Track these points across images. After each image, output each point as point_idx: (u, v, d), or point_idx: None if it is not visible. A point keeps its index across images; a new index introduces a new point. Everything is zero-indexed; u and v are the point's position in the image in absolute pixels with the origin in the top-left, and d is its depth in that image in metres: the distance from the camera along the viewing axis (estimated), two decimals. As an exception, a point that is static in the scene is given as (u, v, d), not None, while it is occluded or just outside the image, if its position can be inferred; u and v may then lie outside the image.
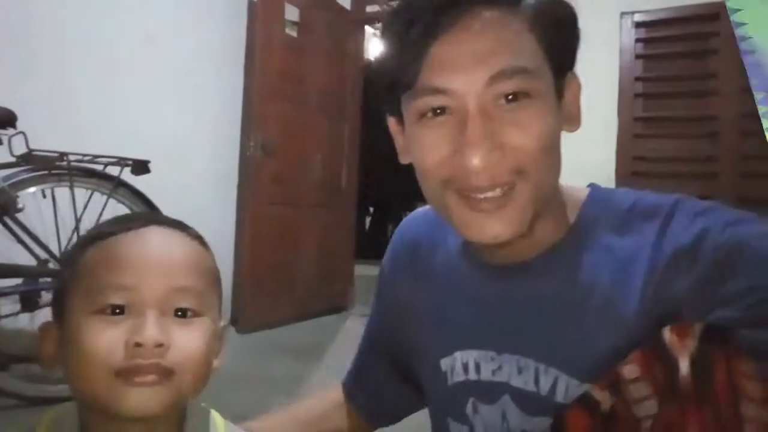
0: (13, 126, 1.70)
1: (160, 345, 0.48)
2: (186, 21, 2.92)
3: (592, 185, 0.65)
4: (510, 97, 0.54)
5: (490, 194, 0.55)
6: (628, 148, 2.84)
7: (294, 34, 3.27)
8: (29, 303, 1.84)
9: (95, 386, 0.48)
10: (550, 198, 0.60)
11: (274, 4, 3.07)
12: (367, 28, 4.42)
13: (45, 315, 2.13)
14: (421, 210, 0.79)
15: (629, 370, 0.50)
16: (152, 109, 2.71)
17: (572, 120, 0.61)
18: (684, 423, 0.46)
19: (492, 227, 0.57)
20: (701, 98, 2.85)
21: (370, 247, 4.92)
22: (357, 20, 3.92)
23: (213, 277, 0.56)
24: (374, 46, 5.70)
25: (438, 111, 0.56)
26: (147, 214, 0.51)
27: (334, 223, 3.69)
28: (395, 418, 0.83)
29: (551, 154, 0.57)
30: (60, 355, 0.52)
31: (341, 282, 3.79)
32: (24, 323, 2.12)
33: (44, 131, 1.87)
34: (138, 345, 0.48)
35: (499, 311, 0.63)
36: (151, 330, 0.48)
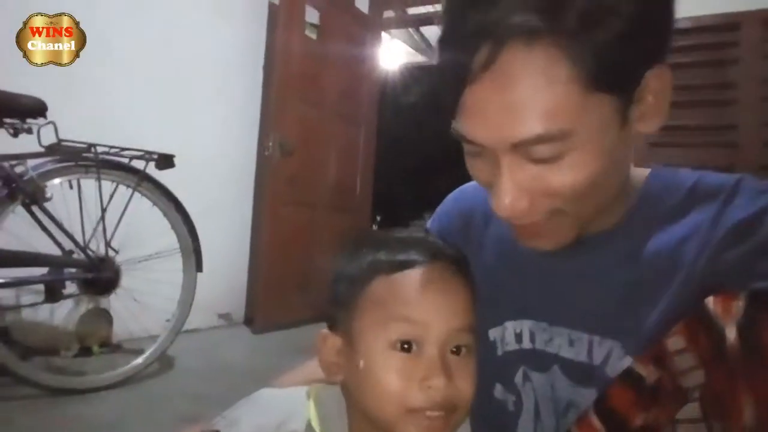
0: (44, 116, 1.72)
1: (448, 386, 0.52)
2: (208, 21, 2.96)
3: (652, 165, 0.64)
4: (540, 158, 0.51)
5: (528, 222, 0.56)
6: (645, 157, 2.83)
7: (313, 36, 3.30)
8: (53, 293, 1.86)
9: (385, 414, 0.53)
10: (609, 199, 0.58)
11: (294, 6, 3.10)
12: (384, 34, 4.45)
13: (67, 306, 2.16)
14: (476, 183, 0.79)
15: (674, 341, 0.50)
16: (174, 106, 2.75)
17: (653, 119, 0.55)
18: (734, 390, 0.46)
19: (536, 244, 0.59)
20: (721, 107, 2.85)
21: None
22: (374, 25, 3.95)
23: (472, 302, 0.59)
24: (390, 51, 5.73)
25: (475, 153, 0.56)
26: (423, 241, 0.56)
27: (349, 227, 3.70)
28: None
29: (598, 187, 0.53)
30: (341, 366, 0.58)
31: (354, 285, 3.78)
32: (45, 315, 2.15)
33: (73, 122, 1.89)
34: (430, 388, 0.52)
35: (554, 284, 0.64)
36: (441, 373, 0.52)
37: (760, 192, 0.55)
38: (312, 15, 3.25)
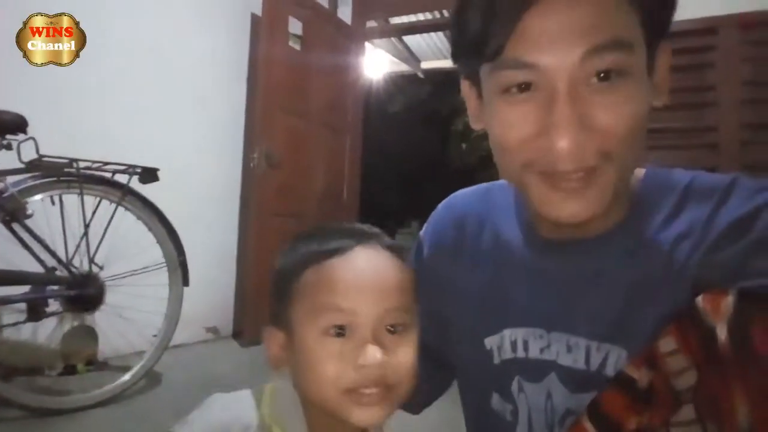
0: (24, 131, 1.70)
1: (382, 367, 0.54)
2: (190, 33, 2.94)
3: (647, 166, 0.64)
4: (603, 74, 0.51)
5: (573, 176, 0.53)
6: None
7: (297, 47, 3.30)
8: (36, 311, 1.83)
9: (325, 398, 0.55)
10: (630, 177, 0.59)
11: (277, 17, 3.10)
12: (367, 44, 4.47)
13: (50, 325, 2.12)
14: (467, 189, 0.77)
15: (665, 343, 0.50)
16: (157, 119, 2.72)
17: (661, 93, 0.57)
18: (727, 390, 0.46)
19: (572, 207, 0.55)
20: (700, 110, 2.89)
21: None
22: (357, 35, 3.97)
23: (413, 287, 0.60)
24: (373, 61, 5.75)
25: (523, 86, 0.53)
26: (351, 229, 0.56)
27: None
28: (425, 405, 0.81)
29: (639, 135, 0.53)
30: (286, 360, 0.60)
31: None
32: (28, 334, 2.10)
33: (54, 137, 1.87)
34: (363, 366, 0.54)
35: (551, 289, 0.62)
36: (373, 352, 0.54)
37: (755, 191, 0.55)
38: (295, 26, 3.25)
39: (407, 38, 5.67)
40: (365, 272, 0.57)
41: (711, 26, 2.85)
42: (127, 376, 2.02)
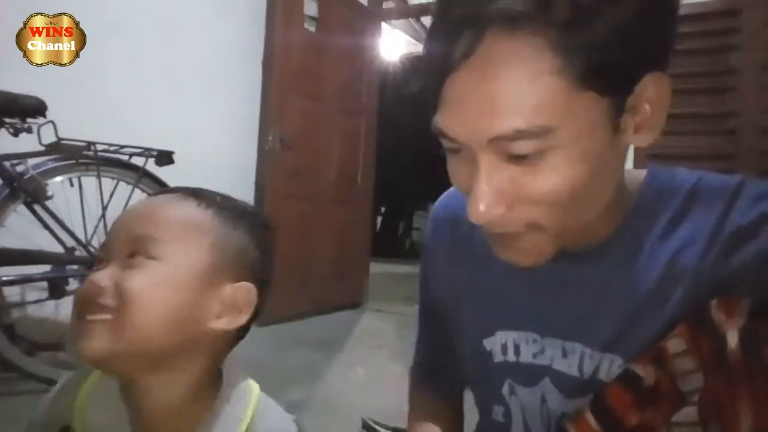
0: (43, 115, 1.73)
1: (99, 287, 0.51)
2: (206, 14, 2.94)
3: (650, 166, 0.61)
4: (516, 156, 0.47)
5: (504, 231, 0.52)
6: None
7: (312, 29, 3.29)
8: (57, 290, 1.87)
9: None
10: (593, 215, 0.54)
11: (293, -1, 3.10)
12: (384, 25, 4.44)
13: (71, 303, 2.17)
14: None
15: (674, 343, 0.50)
16: (172, 102, 2.74)
17: (648, 132, 0.51)
18: (734, 396, 0.46)
19: (512, 258, 0.55)
20: (721, 95, 2.83)
21: (381, 245, 4.92)
22: (374, 16, 3.93)
23: (186, 227, 0.56)
24: (390, 42, 5.71)
25: (455, 150, 0.52)
26: (188, 188, 0.55)
27: (350, 219, 3.71)
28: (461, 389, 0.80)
29: (575, 201, 0.49)
30: None
31: (357, 278, 3.80)
32: (50, 311, 2.17)
33: (72, 121, 1.90)
34: (86, 289, 0.51)
35: (546, 294, 0.61)
36: (97, 275, 0.52)
37: (762, 196, 0.53)
38: (310, 8, 3.24)
39: (425, 19, 5.60)
40: (133, 205, 0.59)
41: (735, 8, 2.77)
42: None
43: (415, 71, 6.42)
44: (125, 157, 1.99)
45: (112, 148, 1.94)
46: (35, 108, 1.72)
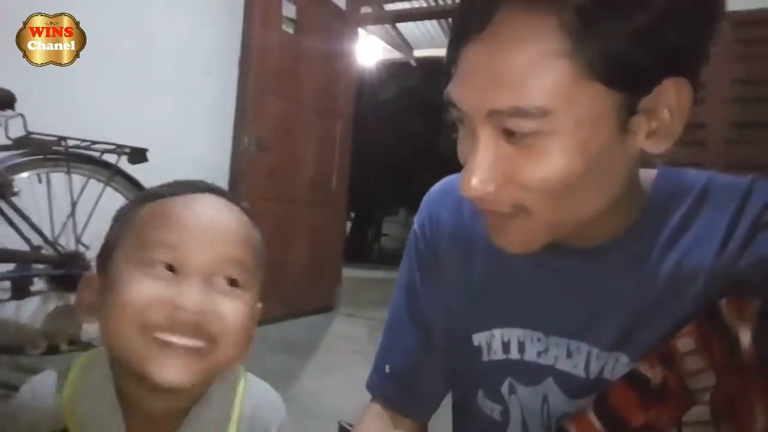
0: (12, 108, 1.67)
1: (202, 312, 0.46)
2: (182, 13, 2.89)
3: (659, 166, 0.59)
4: (513, 133, 0.47)
5: (489, 214, 0.53)
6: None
7: (290, 31, 3.27)
8: (20, 290, 1.80)
9: (127, 342, 0.46)
10: (590, 213, 0.52)
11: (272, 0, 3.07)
12: (360, 30, 4.43)
13: (34, 304, 2.09)
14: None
15: (684, 342, 0.49)
16: (146, 100, 2.68)
17: (663, 139, 0.49)
18: (747, 396, 0.45)
19: (502, 242, 0.54)
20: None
21: (350, 250, 4.89)
22: (351, 20, 3.93)
23: (261, 257, 0.55)
24: (366, 47, 5.71)
25: (460, 120, 0.52)
26: (205, 183, 0.57)
27: (325, 222, 3.69)
28: (434, 408, 0.75)
29: (569, 192, 0.48)
30: (98, 306, 0.51)
31: (330, 281, 3.78)
32: (11, 312, 2.08)
33: (42, 114, 1.84)
34: (180, 308, 0.46)
35: (554, 292, 0.59)
36: (195, 294, 0.46)
37: None
38: (289, 9, 3.21)
39: (401, 26, 5.63)
40: (207, 212, 0.50)
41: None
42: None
43: (391, 78, 6.43)
44: (97, 154, 1.93)
45: (83, 144, 1.88)
46: (3, 100, 1.65)
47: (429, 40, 5.93)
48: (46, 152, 1.80)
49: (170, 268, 0.47)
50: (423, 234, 0.72)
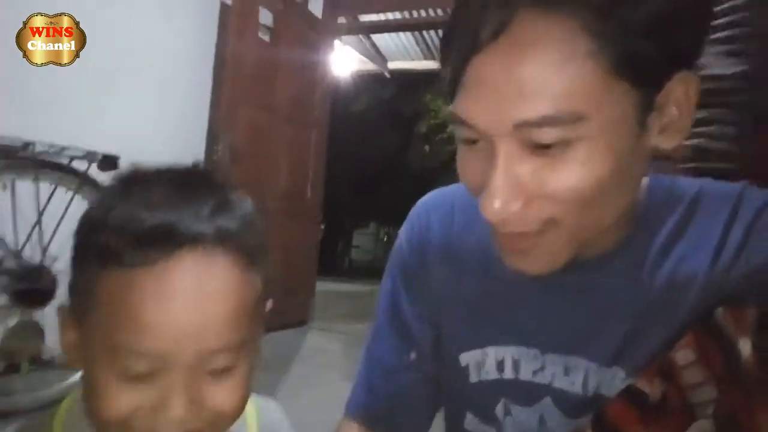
0: (-25, 111, 1.58)
1: (190, 417, 0.44)
2: (156, 19, 2.83)
3: (650, 175, 0.58)
4: (542, 145, 0.45)
5: (515, 237, 0.49)
6: None
7: (266, 39, 3.23)
8: (-20, 303, 1.70)
9: None
10: (611, 220, 0.51)
11: (247, 7, 3.02)
12: (336, 41, 4.42)
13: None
14: (453, 186, 0.68)
15: (683, 355, 0.48)
16: (117, 106, 2.61)
17: (674, 133, 0.48)
18: (751, 408, 0.44)
19: (522, 265, 0.51)
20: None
21: (320, 263, 4.83)
22: (328, 30, 3.92)
23: (253, 306, 0.48)
24: (341, 58, 5.71)
25: (470, 141, 0.49)
26: (179, 202, 0.45)
27: (299, 233, 3.63)
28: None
29: (598, 198, 0.46)
30: (78, 357, 0.47)
31: (303, 295, 3.73)
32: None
33: (8, 118, 1.75)
34: (164, 418, 0.43)
35: (549, 306, 0.58)
36: (179, 408, 0.43)
37: (763, 203, 0.53)
38: (265, 17, 3.18)
39: (375, 37, 5.65)
40: (185, 298, 0.42)
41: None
42: (76, 376, 1.91)
43: (364, 89, 6.44)
44: (66, 161, 1.86)
45: (51, 150, 1.81)
46: (-34, 103, 1.56)
47: (403, 52, 5.98)
48: (12, 158, 1.73)
49: (150, 371, 0.43)
50: (410, 247, 0.68)
